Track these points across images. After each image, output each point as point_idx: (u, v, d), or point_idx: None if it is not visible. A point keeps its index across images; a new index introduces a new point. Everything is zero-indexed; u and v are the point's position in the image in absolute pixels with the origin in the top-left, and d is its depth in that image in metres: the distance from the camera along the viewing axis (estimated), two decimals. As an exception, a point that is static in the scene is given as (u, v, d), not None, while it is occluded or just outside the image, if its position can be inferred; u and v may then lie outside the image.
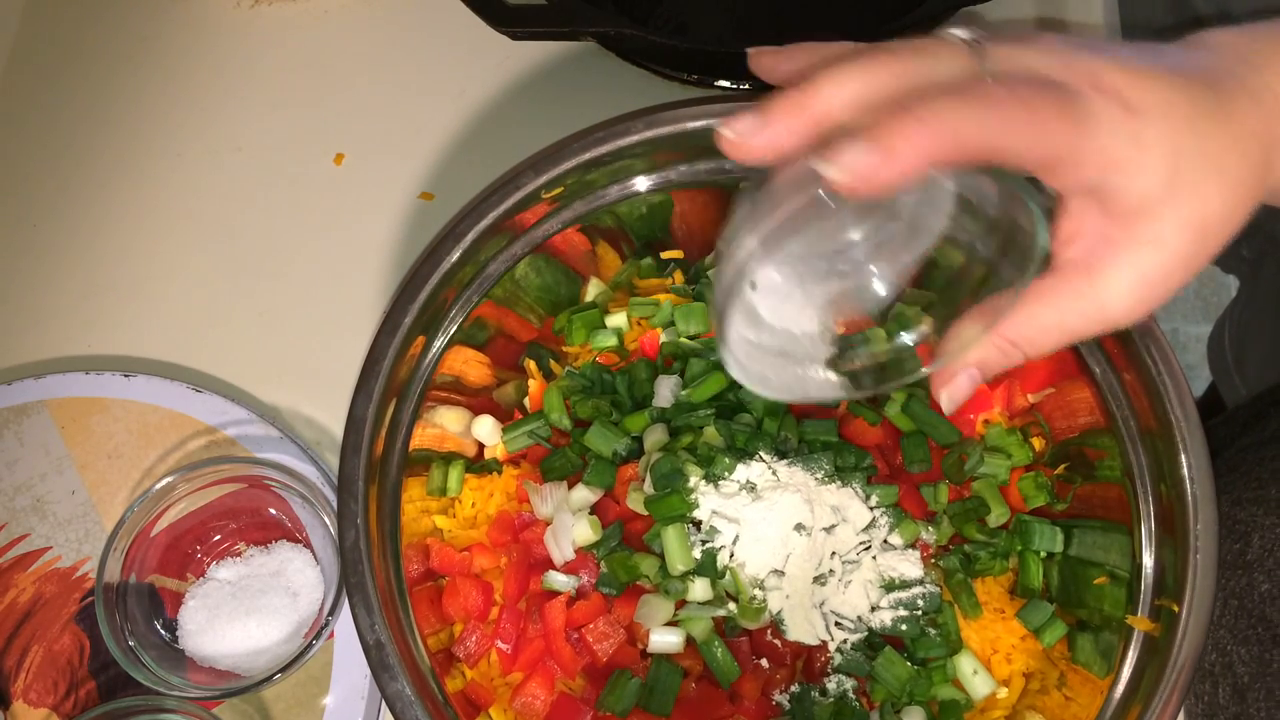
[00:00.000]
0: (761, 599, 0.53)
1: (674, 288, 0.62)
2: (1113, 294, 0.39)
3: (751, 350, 0.44)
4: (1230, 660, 0.55)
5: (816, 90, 0.35)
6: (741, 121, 0.35)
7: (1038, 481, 0.57)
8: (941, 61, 0.36)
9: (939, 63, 0.36)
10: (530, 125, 0.73)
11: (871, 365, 0.46)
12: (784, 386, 0.46)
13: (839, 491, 0.55)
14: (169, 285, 0.71)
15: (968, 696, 0.54)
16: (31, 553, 0.62)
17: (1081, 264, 0.39)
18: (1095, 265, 0.39)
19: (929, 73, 0.35)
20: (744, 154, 0.35)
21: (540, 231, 0.56)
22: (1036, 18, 0.74)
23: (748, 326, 0.44)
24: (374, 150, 0.74)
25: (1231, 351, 0.87)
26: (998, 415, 0.60)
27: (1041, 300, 0.40)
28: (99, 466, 0.63)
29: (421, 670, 0.49)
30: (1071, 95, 0.36)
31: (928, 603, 0.54)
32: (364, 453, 0.50)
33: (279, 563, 0.59)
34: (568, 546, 0.54)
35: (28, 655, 0.59)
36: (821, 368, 0.46)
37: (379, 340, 0.51)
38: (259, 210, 0.73)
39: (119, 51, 0.77)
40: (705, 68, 0.72)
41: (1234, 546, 0.56)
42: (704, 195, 0.57)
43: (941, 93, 0.34)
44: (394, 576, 0.50)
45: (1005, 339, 0.41)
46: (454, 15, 0.72)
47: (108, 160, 0.74)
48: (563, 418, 0.59)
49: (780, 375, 0.46)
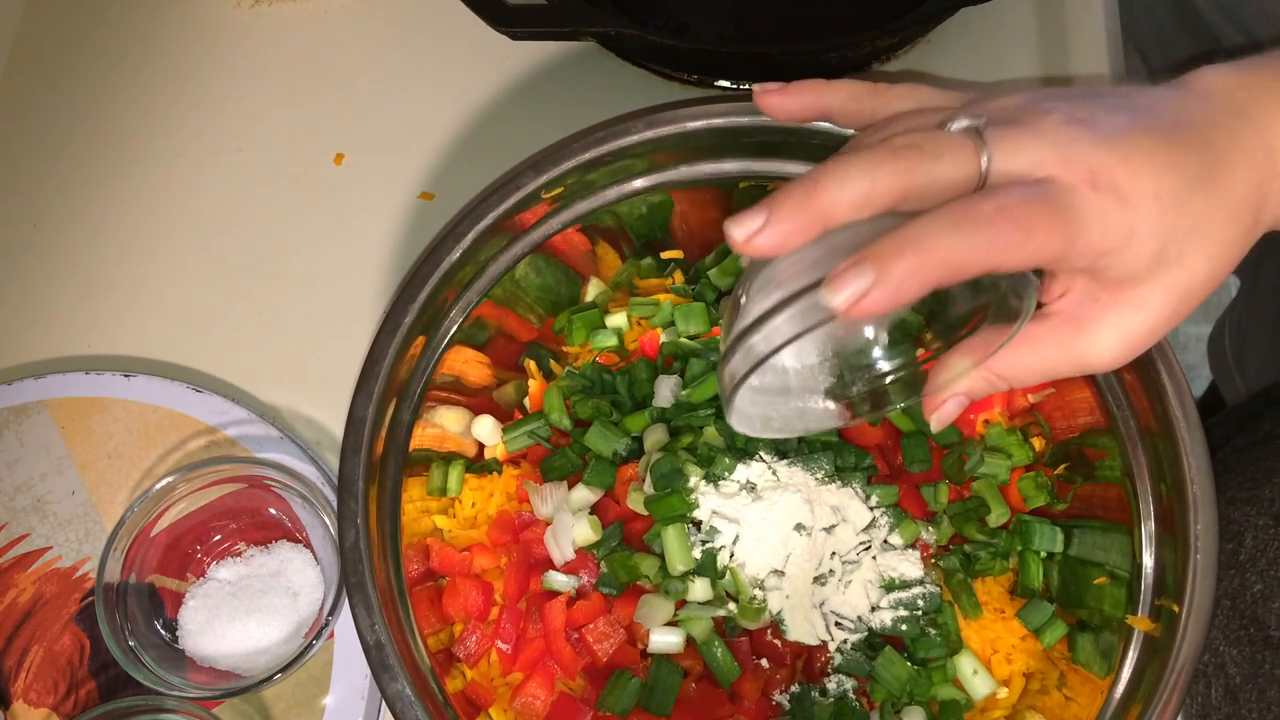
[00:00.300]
0: (761, 599, 0.53)
1: (674, 288, 0.62)
2: (1096, 348, 0.41)
3: (755, 396, 0.46)
4: (1222, 661, 0.55)
5: (822, 190, 0.36)
6: (751, 221, 0.37)
7: (1038, 481, 0.57)
8: (942, 161, 0.37)
9: (939, 163, 0.37)
10: (530, 125, 0.73)
11: (867, 392, 0.47)
12: (786, 424, 0.48)
13: (839, 491, 0.55)
14: (169, 285, 0.71)
15: (968, 696, 0.54)
16: (31, 553, 0.62)
17: (1069, 317, 0.41)
18: (1081, 321, 0.41)
19: (930, 173, 0.37)
20: (752, 251, 0.37)
21: (540, 231, 0.56)
22: (1036, 20, 0.74)
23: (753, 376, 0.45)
24: (374, 150, 0.74)
25: (1232, 351, 0.87)
26: (998, 415, 0.60)
27: (1030, 345, 0.42)
28: (99, 466, 0.63)
29: (421, 670, 0.49)
30: (1065, 203, 0.37)
31: (928, 603, 0.54)
32: (364, 453, 0.50)
33: (279, 563, 0.59)
34: (568, 546, 0.54)
35: (28, 655, 0.59)
36: (821, 398, 0.47)
37: (379, 340, 0.51)
38: (259, 210, 0.72)
39: (119, 51, 0.77)
40: (705, 68, 0.72)
41: (1227, 547, 0.56)
42: (704, 195, 0.57)
43: (937, 218, 0.35)
44: (394, 576, 0.50)
45: (992, 372, 0.43)
46: (454, 15, 0.72)
47: (108, 160, 0.74)
48: (563, 418, 0.59)
49: (782, 411, 0.47)
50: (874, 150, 0.37)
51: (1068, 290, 0.41)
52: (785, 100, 0.44)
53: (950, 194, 0.37)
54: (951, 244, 0.35)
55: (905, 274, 0.34)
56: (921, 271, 0.34)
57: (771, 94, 0.44)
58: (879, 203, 0.37)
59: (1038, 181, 0.37)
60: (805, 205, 0.36)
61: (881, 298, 0.34)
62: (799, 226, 0.36)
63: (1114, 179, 0.37)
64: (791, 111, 0.44)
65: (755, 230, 0.36)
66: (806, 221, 0.36)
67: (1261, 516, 0.55)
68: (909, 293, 0.34)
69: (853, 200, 0.36)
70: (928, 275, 0.34)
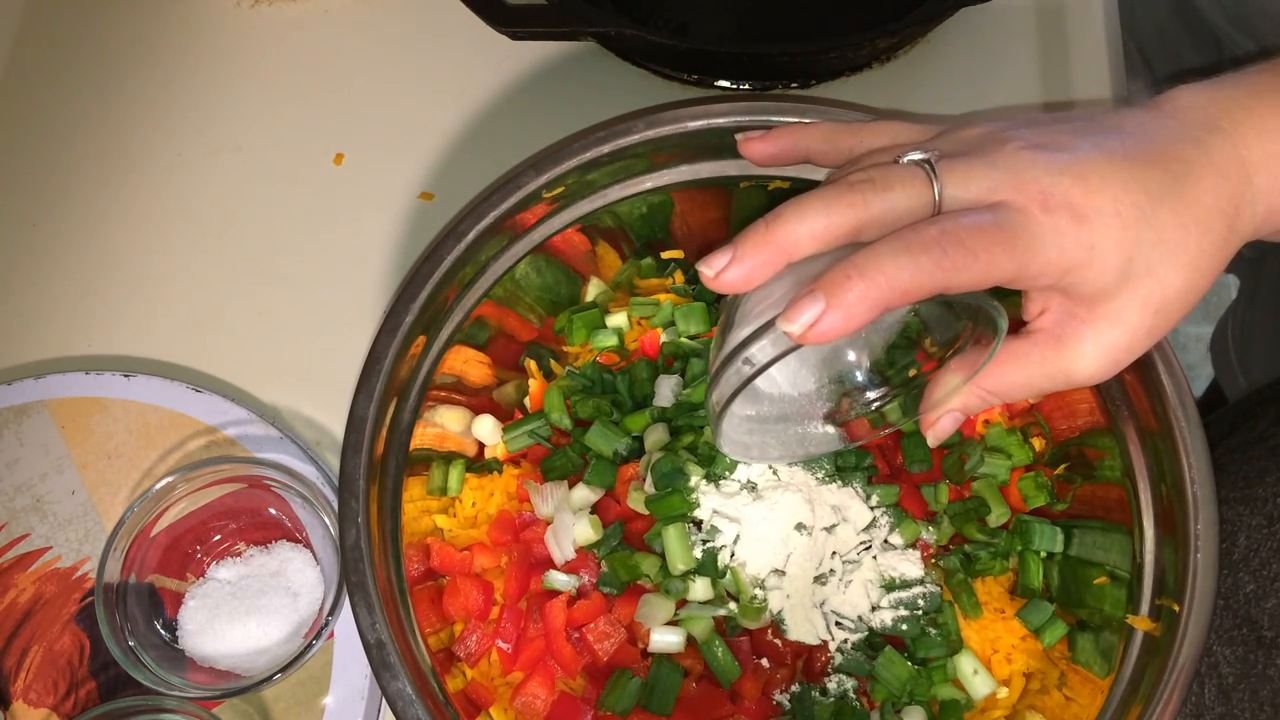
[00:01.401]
0: (762, 598, 0.53)
1: (674, 288, 0.62)
2: (1079, 363, 0.42)
3: (752, 425, 0.48)
4: (1215, 660, 0.55)
5: (782, 225, 0.39)
6: (719, 259, 0.39)
7: (1038, 481, 0.57)
8: (894, 193, 0.39)
9: (891, 194, 0.39)
10: (530, 125, 0.73)
11: (865, 415, 0.49)
12: (786, 450, 0.50)
13: (840, 491, 0.55)
14: (169, 285, 0.71)
15: (968, 696, 0.54)
16: (31, 553, 0.62)
17: (1051, 334, 0.43)
18: (1062, 337, 0.42)
19: (883, 204, 0.39)
20: (721, 287, 0.39)
21: (540, 231, 0.56)
22: (1036, 20, 0.74)
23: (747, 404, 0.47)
24: (374, 150, 0.74)
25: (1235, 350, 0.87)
26: (998, 415, 0.60)
27: (1016, 361, 0.43)
28: (99, 466, 0.63)
29: (422, 670, 0.49)
30: (1015, 225, 0.38)
31: (928, 603, 0.54)
32: (364, 452, 0.50)
33: (279, 563, 0.59)
34: (568, 546, 0.54)
35: (28, 655, 0.59)
36: (819, 423, 0.50)
37: (379, 340, 0.51)
38: (259, 210, 0.72)
39: (119, 51, 0.77)
40: (705, 68, 0.72)
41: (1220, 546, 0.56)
42: (704, 195, 0.57)
43: (884, 244, 0.37)
44: (394, 576, 0.50)
45: (983, 389, 0.45)
46: (454, 15, 0.72)
47: (108, 160, 0.74)
48: (563, 417, 0.59)
49: (781, 438, 0.49)
50: (832, 186, 0.39)
51: (1046, 308, 0.42)
52: (766, 145, 0.47)
53: (906, 224, 0.39)
54: (897, 267, 0.36)
55: (854, 299, 0.36)
56: (869, 296, 0.36)
57: (753, 141, 0.48)
58: (837, 234, 0.39)
59: (990, 206, 0.39)
60: (768, 240, 0.39)
61: (834, 322, 0.36)
62: (762, 260, 0.39)
63: (1068, 199, 0.39)
64: (773, 154, 0.47)
65: (723, 267, 0.39)
66: (769, 255, 0.39)
67: (1255, 516, 0.55)
68: (859, 316, 0.36)
69: (812, 233, 0.39)
70: (876, 298, 0.36)
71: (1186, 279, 0.40)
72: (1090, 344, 0.42)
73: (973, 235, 0.37)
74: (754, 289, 0.40)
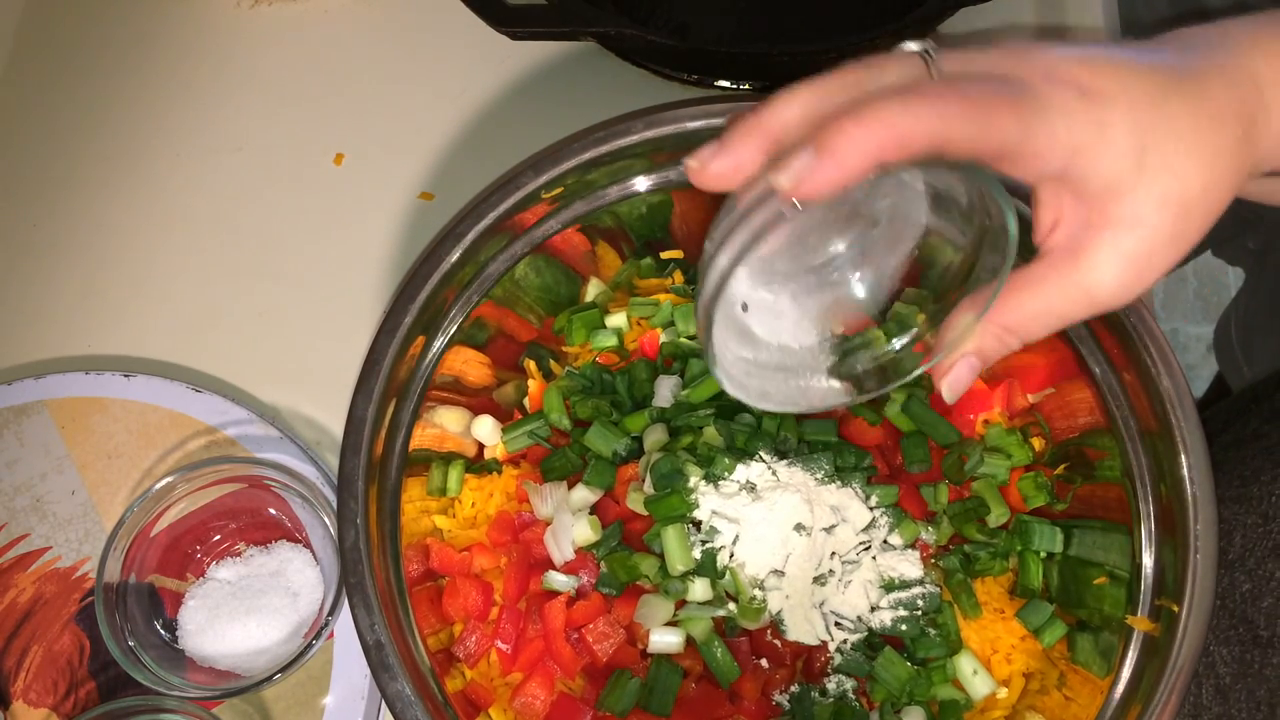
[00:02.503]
0: (761, 599, 0.53)
1: (674, 288, 0.62)
2: (1098, 278, 0.39)
3: (750, 368, 0.45)
4: (1212, 660, 0.55)
5: (770, 109, 0.36)
6: (704, 150, 0.37)
7: (1038, 481, 0.57)
8: (889, 73, 0.37)
9: (887, 74, 0.37)
10: (530, 125, 0.73)
11: (872, 368, 0.46)
12: (787, 399, 0.46)
13: (839, 491, 0.55)
14: (169, 285, 0.71)
15: (968, 696, 0.54)
16: (31, 553, 0.62)
17: (1066, 250, 0.39)
18: (1079, 251, 0.39)
19: (877, 82, 0.36)
20: (709, 180, 0.37)
21: (540, 231, 0.56)
22: (1036, 20, 0.74)
23: (744, 346, 0.45)
24: (374, 150, 0.74)
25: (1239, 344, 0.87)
26: (998, 415, 0.60)
27: (1030, 288, 0.40)
28: (99, 466, 0.63)
29: (421, 670, 0.49)
30: (1021, 87, 0.36)
31: (928, 603, 0.54)
32: (364, 453, 0.50)
33: (279, 563, 0.59)
34: (568, 546, 0.54)
35: (28, 655, 0.59)
36: (823, 377, 0.47)
37: (379, 340, 0.51)
38: (259, 210, 0.73)
39: (119, 51, 0.77)
40: (705, 68, 0.72)
41: None
42: (704, 195, 0.56)
43: (884, 93, 0.35)
44: (394, 576, 0.50)
45: (999, 325, 0.41)
46: (454, 15, 0.72)
47: (108, 160, 0.74)
48: (563, 418, 0.59)
49: (781, 389, 0.46)
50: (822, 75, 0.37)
51: (1059, 221, 0.39)
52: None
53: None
54: (897, 114, 0.34)
55: (849, 145, 0.33)
56: (865, 143, 0.33)
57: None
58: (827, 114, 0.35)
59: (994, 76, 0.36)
60: (756, 124, 0.36)
61: (828, 171, 0.33)
62: (752, 146, 0.36)
63: (1075, 76, 0.36)
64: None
65: (710, 155, 0.37)
66: (758, 139, 0.36)
67: (1250, 515, 0.55)
68: (854, 166, 0.33)
69: (800, 114, 0.36)
70: (871, 147, 0.33)
71: (1206, 176, 0.37)
72: (1108, 252, 0.38)
73: (976, 87, 0.35)
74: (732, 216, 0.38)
